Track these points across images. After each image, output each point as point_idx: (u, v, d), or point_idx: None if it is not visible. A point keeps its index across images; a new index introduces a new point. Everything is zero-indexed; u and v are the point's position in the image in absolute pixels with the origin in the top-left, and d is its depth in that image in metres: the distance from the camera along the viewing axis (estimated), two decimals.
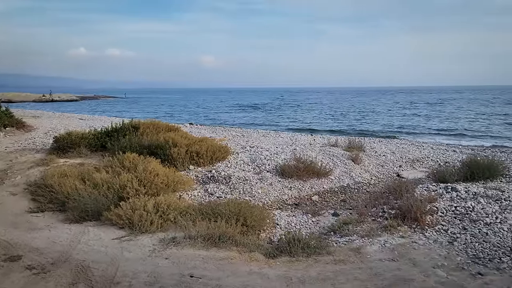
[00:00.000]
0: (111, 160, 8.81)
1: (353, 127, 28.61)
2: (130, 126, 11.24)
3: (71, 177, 7.88)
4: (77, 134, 10.70)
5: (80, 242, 5.45)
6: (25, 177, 8.54)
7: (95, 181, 7.64)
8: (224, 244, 5.27)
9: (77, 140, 10.31)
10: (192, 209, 6.54)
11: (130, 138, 10.33)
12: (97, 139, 10.70)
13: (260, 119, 36.52)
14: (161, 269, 4.59)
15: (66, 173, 8.15)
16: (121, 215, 6.10)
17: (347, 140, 13.50)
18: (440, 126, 27.54)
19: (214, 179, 8.85)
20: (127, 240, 5.53)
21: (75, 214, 6.64)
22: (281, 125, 30.00)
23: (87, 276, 4.39)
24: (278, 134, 18.21)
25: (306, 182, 8.95)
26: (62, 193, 7.33)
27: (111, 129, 11.14)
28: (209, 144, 10.16)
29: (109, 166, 8.52)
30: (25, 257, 4.94)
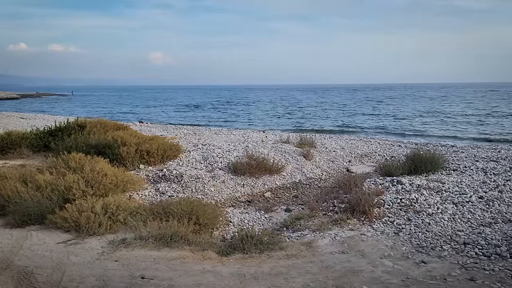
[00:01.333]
0: (55, 160, 8.40)
1: (303, 123, 29.15)
2: (75, 125, 10.80)
3: (11, 179, 7.41)
4: (18, 134, 10.12)
5: (23, 248, 5.16)
6: None
7: (38, 183, 7.24)
8: (176, 243, 5.19)
9: (17, 140, 9.75)
10: (143, 209, 6.39)
11: (76, 137, 9.92)
12: (39, 139, 10.19)
13: (211, 117, 36.32)
14: (110, 272, 4.45)
15: (6, 175, 7.65)
16: (67, 218, 5.83)
17: (298, 136, 13.76)
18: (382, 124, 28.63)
19: (165, 178, 8.70)
20: (73, 244, 5.30)
21: (16, 218, 6.25)
22: (232, 123, 30.01)
23: (30, 283, 4.16)
24: (230, 131, 18.20)
25: (258, 179, 9.03)
26: (1, 197, 6.88)
27: (55, 128, 10.64)
28: (160, 143, 9.97)
29: (53, 167, 8.11)
30: None
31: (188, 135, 15.23)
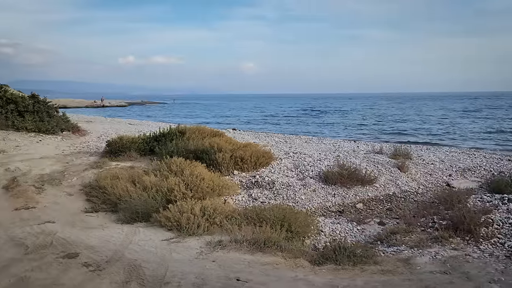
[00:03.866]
0: (159, 164, 9.13)
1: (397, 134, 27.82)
2: (176, 131, 11.59)
3: (122, 180, 8.23)
4: (128, 138, 11.17)
5: (132, 242, 5.69)
6: (80, 179, 9.02)
7: (144, 184, 7.94)
8: (269, 249, 5.31)
9: (127, 144, 10.77)
10: (238, 214, 6.65)
11: (177, 142, 10.64)
12: (146, 143, 11.12)
13: (301, 126, 36.35)
14: (208, 271, 4.70)
15: (118, 175, 8.52)
16: (170, 218, 6.31)
17: (392, 147, 13.19)
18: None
19: (258, 184, 8.94)
20: (175, 242, 5.71)
21: (126, 215, 6.94)
22: (322, 132, 29.72)
23: (139, 275, 4.57)
24: (320, 140, 18.06)
25: (350, 189, 8.84)
26: (114, 195, 7.68)
27: (158, 134, 11.53)
28: (253, 150, 10.28)
29: (157, 169, 8.82)
30: (81, 254, 5.22)
31: (279, 143, 15.46)
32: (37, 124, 14.92)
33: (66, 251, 5.34)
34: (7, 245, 5.63)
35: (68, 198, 8.21)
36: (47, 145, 13.57)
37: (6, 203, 7.78)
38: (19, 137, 13.98)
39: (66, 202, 7.98)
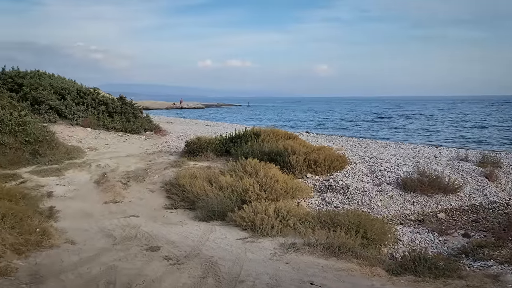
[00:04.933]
0: (235, 164, 9.38)
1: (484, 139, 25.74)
2: (251, 133, 11.81)
3: (200, 179, 8.58)
4: (205, 139, 11.62)
5: (208, 240, 5.91)
6: (161, 177, 9.56)
7: (220, 184, 8.21)
8: (344, 255, 5.21)
9: (205, 144, 11.20)
10: (311, 217, 6.61)
11: (252, 144, 10.85)
12: (222, 144, 11.48)
13: (376, 130, 35.10)
14: (281, 273, 4.74)
15: (196, 175, 8.90)
16: (244, 217, 6.45)
17: (479, 154, 12.24)
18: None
19: (331, 188, 8.81)
20: (249, 242, 5.82)
21: (203, 213, 7.23)
22: (399, 136, 28.42)
23: (215, 272, 4.74)
24: (398, 145, 17.31)
25: (430, 198, 8.36)
26: (192, 193, 8.04)
27: (234, 135, 11.84)
28: (327, 153, 10.15)
29: (233, 170, 9.06)
30: (163, 248, 5.54)
31: (354, 147, 15.10)
32: (124, 124, 16.09)
33: (149, 244, 5.69)
34: (98, 236, 6.14)
35: (150, 194, 8.75)
36: (132, 144, 14.59)
37: (97, 196, 8.50)
38: (108, 136, 15.20)
39: (148, 198, 8.51)
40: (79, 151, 12.58)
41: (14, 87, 16.41)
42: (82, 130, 15.06)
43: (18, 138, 11.13)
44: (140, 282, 4.43)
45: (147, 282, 4.45)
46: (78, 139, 14.07)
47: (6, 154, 10.68)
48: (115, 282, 4.43)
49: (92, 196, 8.51)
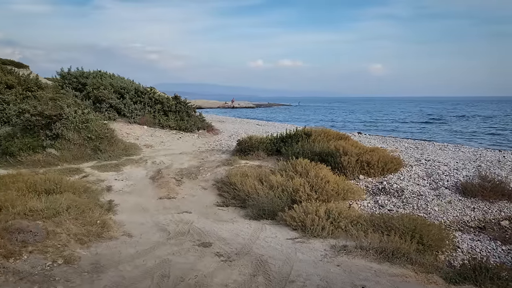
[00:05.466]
0: (285, 164, 9.36)
1: None
2: (302, 133, 11.73)
3: (251, 178, 8.66)
4: (256, 138, 11.71)
5: (259, 238, 5.94)
6: (213, 174, 9.75)
7: (271, 183, 8.23)
8: (398, 260, 5.04)
9: (256, 144, 11.28)
10: (363, 220, 6.45)
11: (303, 144, 10.78)
12: (273, 144, 11.50)
13: (436, 131, 33.55)
14: (332, 275, 4.67)
15: (247, 173, 8.99)
16: (295, 217, 6.42)
17: None
18: None
19: (385, 191, 8.55)
20: (300, 242, 5.79)
21: (254, 211, 7.29)
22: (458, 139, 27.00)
23: (265, 270, 4.76)
24: (457, 148, 16.44)
25: (493, 204, 7.86)
26: (243, 191, 8.13)
27: (285, 135, 11.82)
28: (380, 155, 9.86)
29: (283, 169, 9.05)
30: (214, 244, 5.65)
31: (409, 148, 14.53)
32: (178, 123, 16.60)
33: (201, 240, 5.83)
34: (153, 230, 6.38)
35: (202, 192, 8.95)
36: (186, 142, 15.01)
37: (153, 192, 8.82)
38: (163, 133, 15.74)
39: (201, 195, 8.71)
40: (136, 148, 13.14)
41: (78, 86, 17.44)
42: (139, 128, 15.72)
43: (81, 134, 11.83)
44: (193, 277, 4.54)
45: (199, 277, 4.56)
46: (135, 136, 14.69)
47: (70, 150, 11.39)
48: (169, 275, 4.59)
49: (147, 192, 8.86)
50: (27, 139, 11.33)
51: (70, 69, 18.81)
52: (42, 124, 11.62)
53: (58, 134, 11.52)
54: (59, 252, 4.98)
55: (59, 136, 11.52)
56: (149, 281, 4.45)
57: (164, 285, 4.34)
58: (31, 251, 4.89)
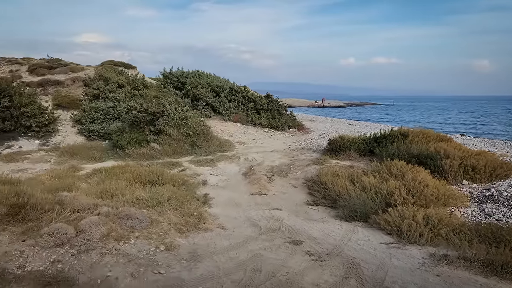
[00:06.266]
0: (379, 165, 9.00)
1: None
2: (398, 134, 11.17)
3: (342, 178, 8.48)
4: (348, 138, 11.42)
5: (351, 240, 5.80)
6: (304, 173, 9.74)
7: (363, 184, 7.97)
8: (509, 275, 4.55)
9: (348, 143, 11.01)
10: (467, 229, 5.94)
11: (398, 145, 10.26)
12: (365, 144, 11.13)
13: None
14: (431, 285, 4.39)
15: (338, 173, 8.82)
16: (389, 221, 6.15)
17: None
18: None
19: (493, 198, 7.77)
20: (395, 247, 5.53)
21: (345, 212, 7.13)
22: None
23: (357, 273, 4.63)
24: None
25: None
26: (334, 191, 7.99)
27: (379, 135, 11.36)
28: (488, 159, 9.00)
29: (377, 171, 8.71)
30: (305, 243, 5.64)
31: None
32: (270, 121, 16.88)
33: (291, 238, 5.86)
34: (246, 224, 6.57)
35: (293, 190, 8.99)
36: (277, 140, 15.20)
37: (245, 188, 9.09)
38: (255, 131, 16.13)
39: (291, 193, 8.76)
40: (230, 144, 13.66)
41: (178, 85, 18.63)
42: (232, 125, 16.31)
43: (180, 130, 12.62)
44: (284, 273, 4.59)
45: (290, 274, 4.59)
46: (229, 133, 15.27)
47: (171, 144, 12.21)
48: (261, 269, 4.69)
49: (240, 187, 9.15)
50: (134, 134, 12.40)
51: (171, 70, 20.16)
52: (147, 120, 12.63)
53: (160, 130, 12.43)
54: (161, 239, 5.37)
55: (161, 131, 12.43)
56: (242, 273, 4.59)
57: (256, 279, 4.44)
58: (137, 236, 5.35)
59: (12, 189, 6.30)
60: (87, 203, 6.15)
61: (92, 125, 14.34)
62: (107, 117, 14.65)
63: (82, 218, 5.52)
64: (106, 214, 5.71)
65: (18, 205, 5.64)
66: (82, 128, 14.46)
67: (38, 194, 6.31)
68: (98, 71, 18.13)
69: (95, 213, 5.77)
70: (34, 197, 6.00)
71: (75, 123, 14.88)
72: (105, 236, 5.15)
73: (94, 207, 6.03)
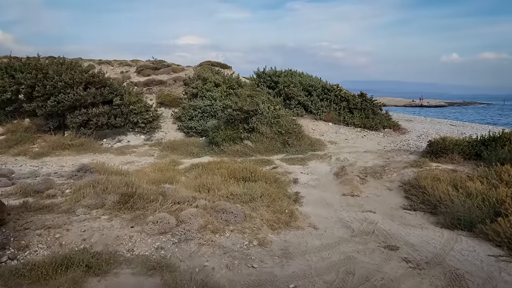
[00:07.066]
0: (487, 170, 8.21)
1: None
2: (510, 136, 10.07)
3: (443, 182, 7.90)
4: (451, 140, 10.60)
5: (453, 249, 5.38)
6: (399, 176, 9.26)
7: (468, 190, 7.34)
8: None
9: (450, 146, 10.22)
10: None
11: (510, 149, 9.25)
12: (471, 146, 10.22)
13: None
14: None
15: (439, 177, 8.23)
16: (500, 232, 5.58)
17: None
18: None
19: None
20: (505, 261, 5.01)
21: (446, 219, 6.63)
22: None
23: (461, 286, 4.29)
24: None
25: None
26: (434, 196, 7.48)
27: (487, 137, 10.35)
28: None
29: (484, 176, 7.96)
30: (401, 249, 5.37)
31: None
32: (363, 121, 16.36)
33: (386, 242, 5.62)
34: (337, 225, 6.45)
35: (387, 192, 8.61)
36: (370, 140, 14.68)
37: (336, 188, 8.93)
38: (347, 131, 15.76)
39: (385, 196, 8.39)
40: (321, 143, 13.52)
41: (271, 84, 18.92)
42: (324, 124, 16.12)
43: (272, 129, 12.82)
44: (379, 278, 4.42)
45: (386, 280, 4.41)
46: (320, 132, 15.12)
47: (263, 142, 12.47)
48: (354, 272, 4.57)
49: (331, 187, 9.01)
50: (228, 131, 12.90)
51: (264, 69, 20.55)
52: (241, 118, 13.05)
53: (254, 128, 12.75)
54: (254, 234, 5.51)
55: (254, 129, 12.75)
56: (334, 274, 4.52)
57: (349, 282, 4.35)
58: (232, 230, 5.56)
59: (122, 180, 6.98)
60: (187, 195, 6.56)
61: (191, 122, 15.21)
62: (204, 115, 15.44)
63: (182, 209, 5.90)
64: (204, 207, 6.02)
65: (127, 194, 6.23)
66: (181, 125, 15.41)
67: (144, 185, 6.89)
68: (197, 71, 19.17)
69: (193, 205, 6.13)
70: (141, 187, 6.57)
71: (175, 120, 15.92)
72: (202, 228, 5.44)
73: (192, 200, 6.40)
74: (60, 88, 13.87)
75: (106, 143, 14.04)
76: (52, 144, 13.20)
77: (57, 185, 7.62)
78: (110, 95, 14.70)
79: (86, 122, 14.10)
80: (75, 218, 5.58)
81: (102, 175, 7.69)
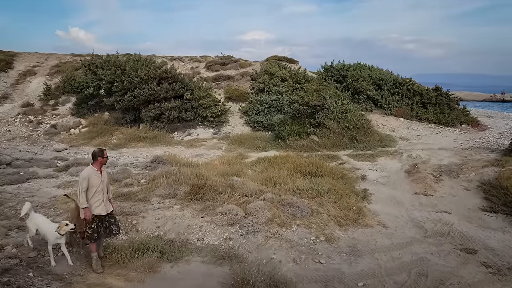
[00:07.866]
0: None
1: None
2: None
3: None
4: None
5: None
6: (478, 175, 8.64)
7: None
8: None
9: None
10: None
11: None
12: None
13: None
14: None
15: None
16: None
17: None
18: None
19: None
20: None
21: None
22: None
23: None
24: None
25: None
26: None
27: None
28: None
29: None
30: (480, 253, 5.03)
31: None
32: (438, 116, 15.46)
33: (463, 245, 5.29)
34: (409, 225, 6.19)
35: (464, 192, 8.07)
36: (446, 137, 13.85)
37: (407, 186, 8.55)
38: (420, 127, 15.01)
39: (462, 196, 7.87)
40: (391, 140, 13.01)
41: (339, 78, 18.51)
42: (395, 120, 15.47)
43: (340, 124, 12.55)
44: (455, 282, 4.19)
45: (462, 284, 4.17)
46: (391, 128, 14.54)
47: (330, 138, 12.27)
48: (427, 274, 4.37)
49: (402, 185, 8.64)
50: (294, 126, 12.85)
51: (332, 63, 20.14)
52: (307, 113, 12.93)
53: (320, 123, 12.58)
54: (321, 230, 5.46)
55: (321, 124, 12.57)
56: (405, 275, 4.35)
57: (422, 284, 4.16)
58: (298, 224, 5.56)
59: (193, 171, 7.25)
60: (254, 188, 6.66)
61: (257, 116, 15.37)
62: (270, 110, 15.52)
63: (249, 202, 6.00)
64: (271, 200, 6.08)
65: (198, 185, 6.46)
66: (248, 119, 15.63)
67: (213, 177, 7.11)
68: (264, 66, 19.29)
69: (260, 198, 6.20)
70: (210, 179, 6.78)
71: (242, 114, 16.18)
72: (269, 221, 5.49)
73: (259, 193, 6.48)
74: (136, 84, 14.70)
75: (177, 136, 14.66)
76: (128, 136, 14.07)
77: (133, 175, 8.11)
78: (181, 90, 15.30)
79: (159, 116, 14.83)
80: (150, 207, 5.91)
81: (174, 166, 8.05)
